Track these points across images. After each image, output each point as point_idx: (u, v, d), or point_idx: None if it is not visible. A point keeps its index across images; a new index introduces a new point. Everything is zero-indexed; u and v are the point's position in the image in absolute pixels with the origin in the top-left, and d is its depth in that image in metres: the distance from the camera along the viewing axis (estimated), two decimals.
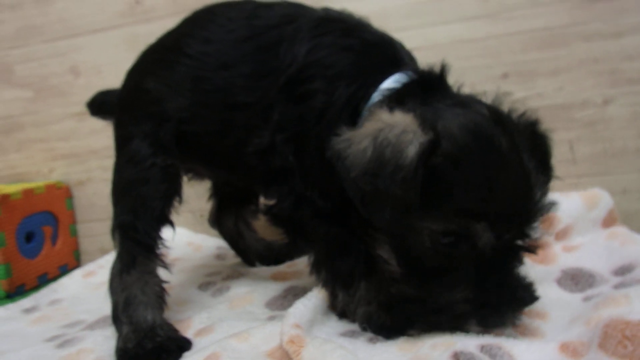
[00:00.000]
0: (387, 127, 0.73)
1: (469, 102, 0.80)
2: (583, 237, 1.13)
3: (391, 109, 0.77)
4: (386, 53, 0.92)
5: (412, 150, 0.69)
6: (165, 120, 1.02)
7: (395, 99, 0.81)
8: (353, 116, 0.86)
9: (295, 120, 0.89)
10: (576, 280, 0.98)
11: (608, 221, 1.17)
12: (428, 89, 0.84)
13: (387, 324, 0.83)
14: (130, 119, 1.05)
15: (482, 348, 0.70)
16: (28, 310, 1.22)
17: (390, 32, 0.98)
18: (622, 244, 1.05)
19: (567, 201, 1.15)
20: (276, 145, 0.91)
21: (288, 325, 0.78)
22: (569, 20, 1.36)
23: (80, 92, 1.72)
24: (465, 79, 1.40)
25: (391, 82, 0.85)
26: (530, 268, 1.04)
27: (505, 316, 0.75)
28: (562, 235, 1.13)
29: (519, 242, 0.77)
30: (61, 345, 0.98)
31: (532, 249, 0.79)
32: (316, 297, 0.89)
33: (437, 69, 0.87)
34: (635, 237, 1.10)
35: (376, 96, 0.85)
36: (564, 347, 0.71)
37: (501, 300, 0.74)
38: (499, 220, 0.71)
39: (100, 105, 1.26)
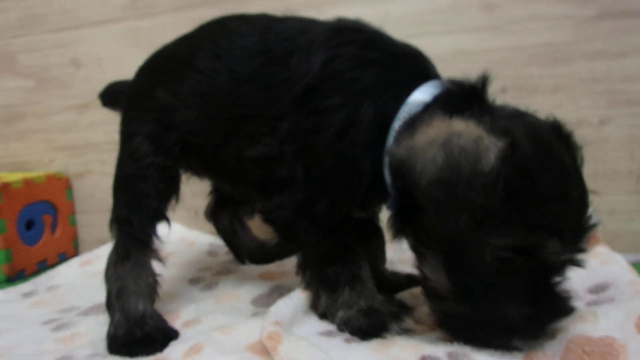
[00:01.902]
0: (455, 133, 0.71)
1: (522, 114, 0.78)
2: None
3: (449, 116, 0.75)
4: (414, 65, 0.89)
5: (491, 156, 0.68)
6: (170, 128, 1.03)
7: (447, 108, 0.77)
8: (381, 131, 0.83)
9: (309, 133, 0.87)
10: None
11: (591, 240, 1.19)
12: (470, 100, 0.80)
13: (363, 327, 0.87)
14: (136, 117, 1.07)
15: (449, 355, 0.74)
16: (27, 295, 1.27)
17: None
18: (602, 264, 1.08)
19: None
20: (285, 155, 0.90)
21: (268, 322, 0.81)
22: (572, 37, 1.36)
23: (81, 84, 1.75)
24: None
25: (422, 94, 0.83)
26: None
27: (546, 328, 0.75)
28: None
29: (570, 257, 0.75)
30: (57, 329, 1.02)
31: (580, 263, 0.77)
32: (298, 297, 0.93)
33: (478, 80, 0.83)
34: (615, 257, 1.12)
35: (409, 108, 0.82)
36: (529, 359, 0.74)
37: (548, 314, 0.74)
38: (568, 235, 0.71)
39: (112, 95, 1.27)
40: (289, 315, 0.87)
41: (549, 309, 0.74)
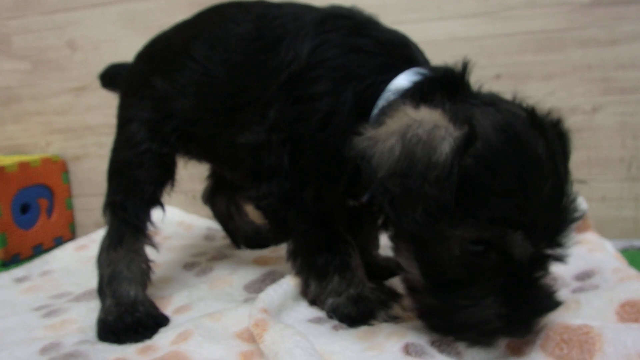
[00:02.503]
0: (415, 123, 0.68)
1: (500, 102, 0.75)
2: None
3: (416, 105, 0.73)
4: (399, 52, 0.88)
5: (446, 147, 0.65)
6: (169, 116, 1.04)
7: (417, 96, 0.76)
8: (361, 118, 0.81)
9: (295, 121, 0.87)
10: None
11: (581, 227, 1.20)
12: (449, 87, 0.78)
13: (352, 315, 0.88)
14: (134, 103, 1.08)
15: (433, 343, 0.75)
16: (20, 280, 1.28)
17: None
18: (590, 251, 1.09)
19: None
20: (272, 144, 0.90)
21: (256, 309, 0.83)
22: (566, 24, 1.37)
23: (77, 67, 1.75)
24: None
25: (402, 80, 0.82)
26: None
27: (531, 326, 0.72)
28: None
29: (549, 251, 0.72)
30: (47, 315, 1.03)
31: (561, 258, 0.74)
32: (287, 284, 0.94)
33: (458, 66, 0.81)
34: (604, 244, 1.14)
35: (387, 95, 0.82)
36: (510, 345, 0.76)
37: (530, 313, 0.71)
38: (535, 229, 0.67)
39: (112, 77, 1.27)
40: (277, 303, 0.88)
41: (529, 307, 0.70)
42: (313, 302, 0.96)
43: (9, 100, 1.84)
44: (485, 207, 0.66)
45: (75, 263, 1.38)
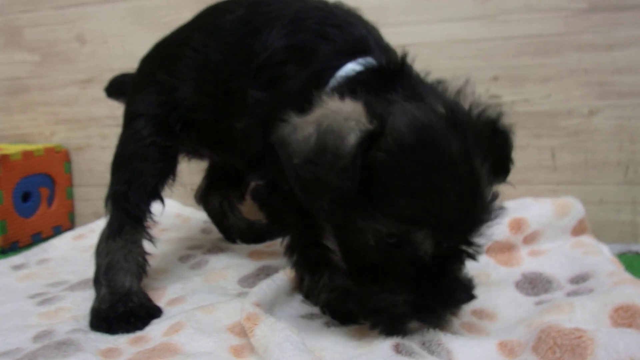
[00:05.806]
0: (332, 114, 0.72)
1: (425, 96, 0.77)
2: (551, 244, 1.16)
3: (342, 96, 0.75)
4: (356, 41, 0.89)
5: (352, 138, 0.68)
6: (174, 108, 1.07)
7: (348, 87, 0.80)
8: (308, 103, 0.82)
9: (264, 106, 0.90)
10: (534, 284, 1.02)
11: (578, 230, 1.20)
12: (388, 78, 0.81)
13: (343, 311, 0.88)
14: (141, 99, 1.10)
15: (423, 344, 0.75)
16: (17, 267, 1.28)
17: (387, 27, 0.99)
18: (585, 254, 1.09)
19: (538, 207, 1.18)
20: (250, 129, 0.93)
21: (249, 303, 0.83)
22: (563, 29, 1.37)
23: (85, 60, 1.78)
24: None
25: (346, 70, 0.84)
26: (494, 269, 1.10)
27: (442, 316, 0.77)
28: (530, 240, 1.16)
29: (462, 247, 0.77)
30: (42, 303, 1.04)
31: (473, 255, 0.79)
32: (281, 279, 0.94)
33: (399, 58, 0.83)
34: (600, 247, 1.13)
35: (332, 81, 0.84)
36: (502, 346, 0.76)
37: (438, 302, 0.75)
38: (440, 228, 0.70)
39: (117, 86, 1.31)
40: (270, 297, 0.89)
41: (438, 296, 0.75)
42: (307, 296, 0.96)
43: (17, 90, 1.87)
44: (391, 205, 0.70)
45: (73, 252, 1.38)
